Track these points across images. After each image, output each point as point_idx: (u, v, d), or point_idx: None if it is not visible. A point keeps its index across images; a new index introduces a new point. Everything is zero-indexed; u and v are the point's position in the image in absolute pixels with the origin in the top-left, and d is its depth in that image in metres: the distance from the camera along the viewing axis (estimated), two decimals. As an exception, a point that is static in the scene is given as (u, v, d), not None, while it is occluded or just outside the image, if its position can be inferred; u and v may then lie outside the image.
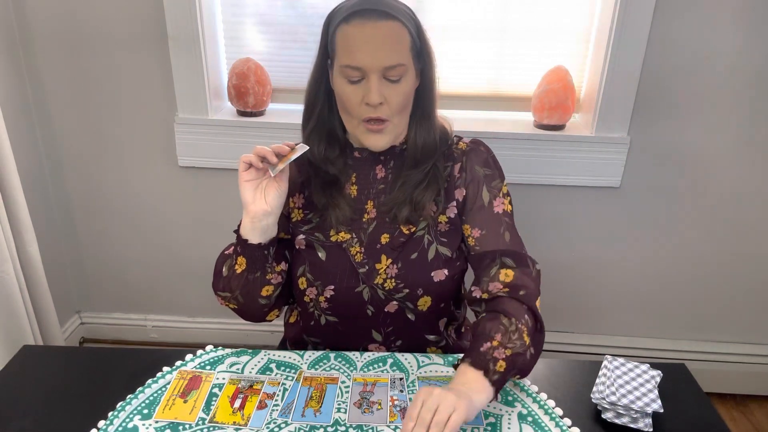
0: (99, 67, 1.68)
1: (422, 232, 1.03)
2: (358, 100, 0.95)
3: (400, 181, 1.03)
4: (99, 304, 2.04)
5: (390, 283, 1.02)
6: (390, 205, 1.03)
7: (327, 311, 1.06)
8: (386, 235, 1.03)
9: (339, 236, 1.03)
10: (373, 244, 1.03)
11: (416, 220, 1.02)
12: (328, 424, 0.87)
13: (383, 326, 1.07)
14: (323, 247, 1.04)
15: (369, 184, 1.06)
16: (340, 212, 1.03)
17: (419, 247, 1.02)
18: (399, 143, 1.06)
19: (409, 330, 1.07)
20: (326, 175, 1.04)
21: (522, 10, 1.63)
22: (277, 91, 1.76)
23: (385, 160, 1.06)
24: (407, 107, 1.00)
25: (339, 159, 1.04)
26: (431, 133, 1.03)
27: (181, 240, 1.90)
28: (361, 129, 0.98)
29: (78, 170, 1.82)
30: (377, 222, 1.04)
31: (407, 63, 0.95)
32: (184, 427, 0.87)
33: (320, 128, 1.03)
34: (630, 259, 1.84)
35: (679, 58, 1.57)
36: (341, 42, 0.94)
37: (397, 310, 1.05)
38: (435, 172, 1.03)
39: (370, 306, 1.05)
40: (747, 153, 1.67)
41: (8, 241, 1.50)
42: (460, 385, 0.82)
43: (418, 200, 1.01)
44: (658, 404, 0.89)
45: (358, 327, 1.07)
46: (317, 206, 1.04)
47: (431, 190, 1.02)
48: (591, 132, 1.66)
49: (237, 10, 1.67)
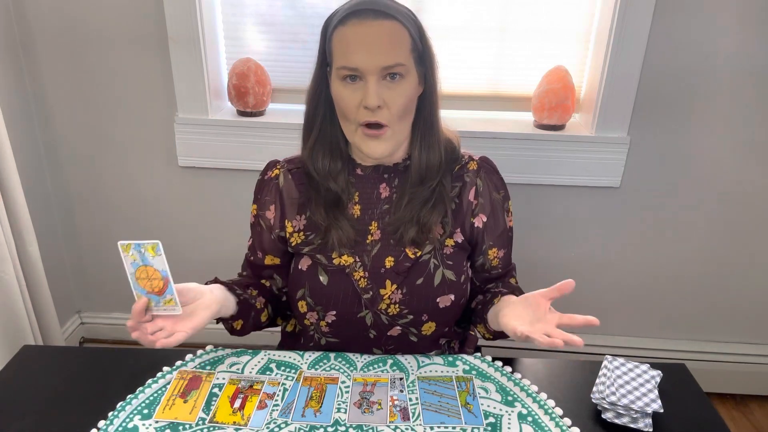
0: (99, 67, 1.68)
1: (428, 256, 1.00)
2: (355, 103, 0.91)
3: (405, 198, 0.99)
4: (99, 304, 2.04)
5: (394, 309, 1.00)
6: (396, 225, 0.99)
7: (328, 335, 1.05)
8: (391, 258, 1.00)
9: (342, 260, 1.00)
10: (377, 269, 1.00)
11: (422, 242, 0.99)
12: (328, 424, 0.87)
13: (385, 346, 1.06)
14: (326, 271, 1.00)
15: (373, 203, 1.02)
16: (342, 233, 0.98)
17: (425, 271, 0.99)
18: (402, 159, 1.02)
19: (410, 350, 1.06)
20: (328, 194, 1.00)
21: (522, 11, 1.63)
22: (277, 91, 1.76)
23: (389, 179, 1.02)
24: (409, 113, 0.95)
25: (341, 175, 1.00)
26: (435, 147, 0.99)
27: (182, 240, 1.90)
28: (359, 135, 0.94)
29: (78, 170, 1.82)
30: (381, 244, 1.00)
31: (407, 64, 0.90)
32: (184, 427, 0.87)
33: (323, 141, 0.99)
34: (630, 259, 1.84)
35: (679, 58, 1.57)
36: (337, 44, 0.91)
37: (401, 334, 1.04)
38: (441, 190, 1.00)
39: (372, 330, 1.03)
40: (747, 153, 1.67)
41: (8, 241, 1.50)
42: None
43: (425, 221, 0.98)
44: (658, 404, 0.89)
45: (359, 347, 1.05)
46: (319, 228, 1.00)
47: (438, 211, 0.99)
48: (591, 132, 1.66)
49: (237, 10, 1.67)
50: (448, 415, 0.89)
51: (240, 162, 1.73)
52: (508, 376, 0.98)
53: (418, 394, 0.93)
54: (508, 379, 0.98)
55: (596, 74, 1.63)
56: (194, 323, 0.87)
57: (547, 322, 0.84)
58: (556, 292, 0.85)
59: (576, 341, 0.79)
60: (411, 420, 0.88)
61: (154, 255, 0.77)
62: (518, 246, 1.22)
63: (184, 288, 0.88)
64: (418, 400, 0.92)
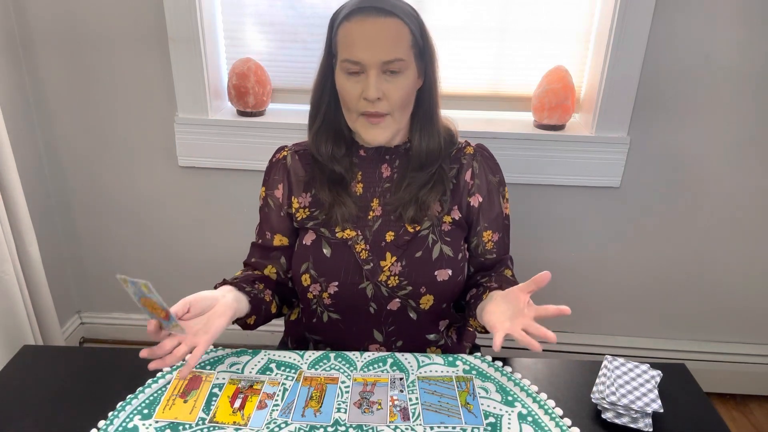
0: (99, 67, 1.68)
1: (426, 231, 1.05)
2: (357, 94, 0.97)
3: (405, 181, 1.05)
4: (99, 304, 2.04)
5: (393, 281, 1.03)
6: (395, 205, 1.05)
7: (330, 308, 1.08)
8: (391, 233, 1.05)
9: (344, 233, 1.05)
10: (378, 242, 1.05)
11: (421, 219, 1.04)
12: (328, 424, 0.87)
13: (385, 325, 1.08)
14: (329, 243, 1.05)
15: (375, 182, 1.08)
16: (345, 210, 1.05)
17: (423, 245, 1.04)
18: (403, 142, 1.07)
19: (410, 329, 1.08)
20: (332, 174, 1.06)
21: (522, 11, 1.63)
22: (277, 91, 1.76)
23: (391, 159, 1.08)
24: (408, 105, 1.01)
25: (345, 158, 1.07)
26: (435, 137, 1.05)
27: (182, 240, 1.90)
28: (361, 122, 1.00)
29: (78, 170, 1.82)
30: (382, 220, 1.06)
31: (407, 59, 0.96)
32: (184, 427, 0.87)
33: (327, 127, 1.06)
34: (630, 259, 1.84)
35: (679, 58, 1.57)
36: (342, 38, 0.97)
37: (400, 308, 1.06)
38: (441, 173, 1.05)
39: (372, 303, 1.06)
40: (747, 153, 1.67)
41: (8, 241, 1.50)
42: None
43: (423, 200, 1.03)
44: (658, 404, 0.89)
45: (360, 325, 1.08)
46: (323, 204, 1.06)
47: (436, 190, 1.05)
48: (591, 132, 1.66)
49: (237, 10, 1.67)
50: (448, 415, 0.89)
51: (240, 162, 1.73)
52: (508, 376, 0.98)
53: (418, 394, 0.93)
54: (508, 379, 0.98)
55: (596, 74, 1.63)
56: (211, 334, 0.90)
57: (524, 317, 0.86)
58: (533, 285, 0.87)
59: (550, 337, 0.82)
60: (411, 420, 0.88)
61: (148, 291, 0.79)
62: (518, 246, 1.22)
63: (196, 299, 0.91)
64: (418, 400, 0.92)
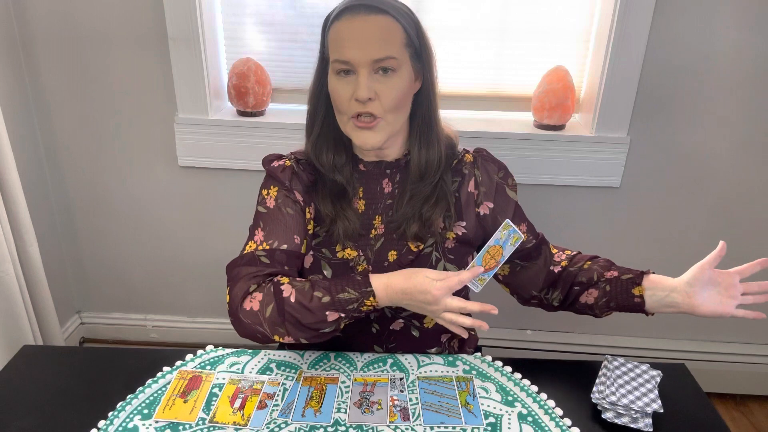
0: (99, 67, 1.68)
1: (430, 249, 1.01)
2: (348, 96, 0.93)
3: (407, 195, 1.00)
4: (99, 304, 2.04)
5: None
6: (399, 221, 1.00)
7: None
8: (393, 252, 1.01)
9: (345, 253, 1.01)
10: (380, 262, 1.01)
11: (425, 236, 1.00)
12: (328, 424, 0.87)
13: (386, 342, 1.06)
14: (329, 264, 1.02)
15: (376, 199, 1.03)
16: (348, 224, 1.00)
17: (427, 264, 1.01)
18: (402, 155, 1.03)
19: (411, 345, 1.06)
20: (334, 186, 1.01)
21: (522, 11, 1.63)
22: (277, 91, 1.76)
23: (392, 174, 1.03)
24: (403, 107, 0.96)
25: (346, 167, 1.02)
26: (435, 145, 1.00)
27: (182, 240, 1.90)
28: (351, 126, 0.95)
29: (78, 170, 1.82)
30: (385, 238, 1.02)
31: (399, 57, 0.92)
32: (184, 427, 0.87)
33: (326, 134, 1.01)
34: (630, 259, 1.83)
35: (679, 58, 1.57)
36: (332, 39, 0.93)
37: (403, 327, 1.05)
38: (443, 185, 1.01)
39: (375, 324, 1.04)
40: (747, 153, 1.67)
41: (8, 241, 1.50)
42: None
43: (427, 217, 0.99)
44: (658, 404, 0.89)
45: (361, 342, 1.06)
46: (325, 219, 1.01)
47: (440, 206, 1.00)
48: (591, 132, 1.66)
49: (237, 10, 1.67)
50: (448, 415, 0.89)
51: (240, 162, 1.73)
52: (508, 376, 0.98)
53: (418, 394, 0.93)
54: (508, 379, 0.98)
55: (596, 74, 1.63)
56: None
57: (734, 287, 1.02)
58: (717, 256, 1.02)
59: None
60: (411, 420, 0.88)
61: (512, 245, 0.90)
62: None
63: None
64: (418, 400, 0.92)
